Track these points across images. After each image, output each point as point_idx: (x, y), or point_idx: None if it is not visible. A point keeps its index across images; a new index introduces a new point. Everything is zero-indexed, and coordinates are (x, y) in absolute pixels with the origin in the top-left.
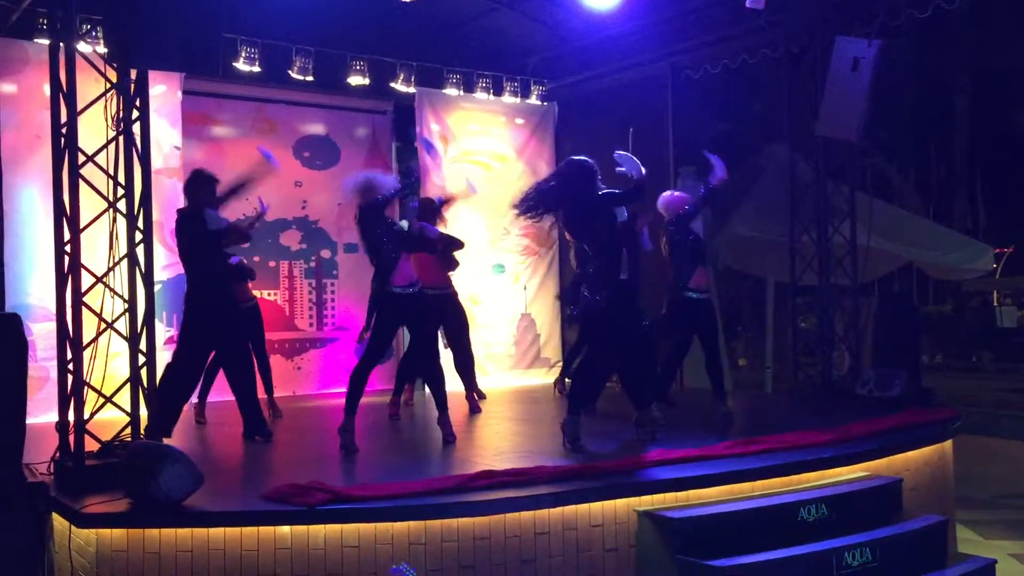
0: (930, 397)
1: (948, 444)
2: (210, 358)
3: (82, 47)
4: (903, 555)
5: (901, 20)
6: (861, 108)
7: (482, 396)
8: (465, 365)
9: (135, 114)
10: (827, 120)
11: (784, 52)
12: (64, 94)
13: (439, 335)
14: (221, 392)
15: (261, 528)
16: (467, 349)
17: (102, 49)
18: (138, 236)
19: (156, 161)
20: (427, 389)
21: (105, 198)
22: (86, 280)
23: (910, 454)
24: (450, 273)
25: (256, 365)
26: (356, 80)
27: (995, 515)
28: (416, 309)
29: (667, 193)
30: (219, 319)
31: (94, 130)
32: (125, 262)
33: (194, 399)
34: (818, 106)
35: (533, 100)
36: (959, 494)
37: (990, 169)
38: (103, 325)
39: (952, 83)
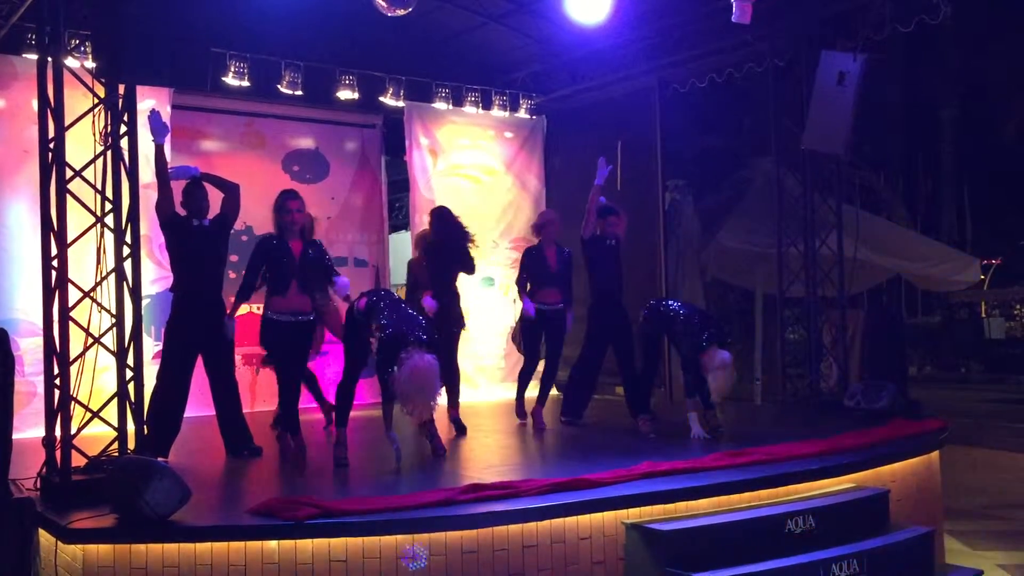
0: (917, 409)
1: (935, 455)
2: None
3: (70, 62)
4: (890, 566)
5: (885, 35)
6: (847, 122)
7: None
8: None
9: (123, 129)
10: (813, 133)
11: (770, 66)
12: (52, 109)
13: None
14: (202, 407)
15: (248, 543)
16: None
17: (91, 64)
18: (125, 251)
19: (145, 175)
20: None
21: (92, 212)
22: (73, 295)
23: (897, 465)
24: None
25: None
26: (345, 94)
27: (983, 526)
28: None
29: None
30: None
31: (83, 145)
32: (113, 276)
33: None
34: (804, 120)
35: (522, 114)
36: (947, 505)
37: (977, 181)
38: (90, 340)
39: (939, 96)
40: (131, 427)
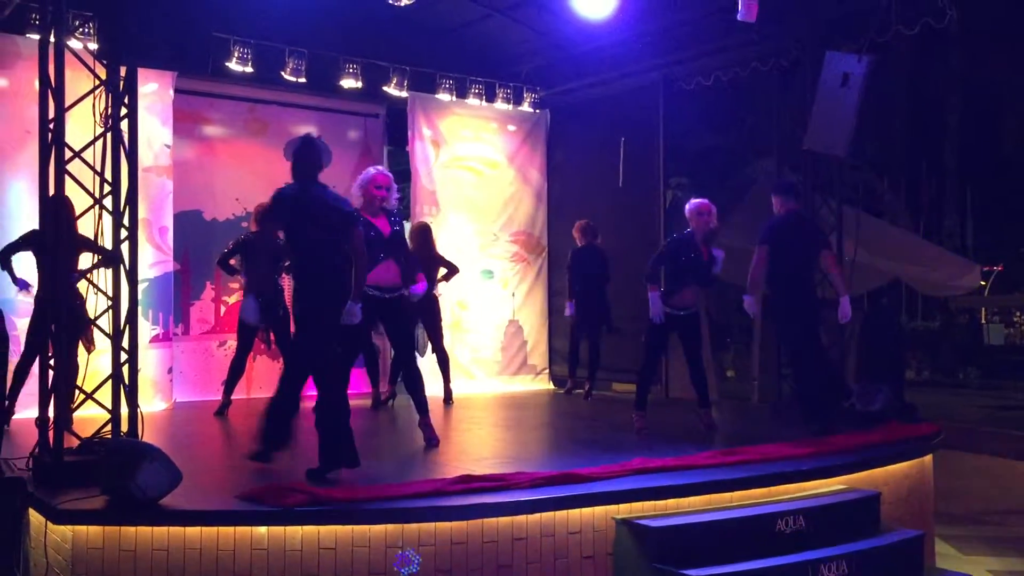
0: (912, 412)
1: (928, 459)
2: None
3: (73, 43)
4: (879, 568)
5: (890, 36)
6: (849, 123)
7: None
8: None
9: (123, 111)
10: (815, 134)
11: (775, 66)
12: (52, 89)
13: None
14: (197, 392)
15: (237, 528)
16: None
17: (93, 45)
18: (123, 233)
19: (146, 159)
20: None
21: (91, 194)
22: None
23: (889, 468)
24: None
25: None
26: (349, 83)
27: (974, 531)
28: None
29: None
30: None
31: (84, 126)
32: None
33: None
34: (807, 120)
35: (525, 107)
36: (940, 510)
37: (980, 187)
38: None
39: (944, 100)
40: (124, 410)
